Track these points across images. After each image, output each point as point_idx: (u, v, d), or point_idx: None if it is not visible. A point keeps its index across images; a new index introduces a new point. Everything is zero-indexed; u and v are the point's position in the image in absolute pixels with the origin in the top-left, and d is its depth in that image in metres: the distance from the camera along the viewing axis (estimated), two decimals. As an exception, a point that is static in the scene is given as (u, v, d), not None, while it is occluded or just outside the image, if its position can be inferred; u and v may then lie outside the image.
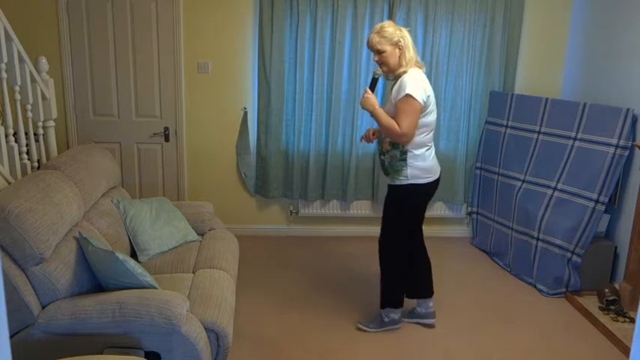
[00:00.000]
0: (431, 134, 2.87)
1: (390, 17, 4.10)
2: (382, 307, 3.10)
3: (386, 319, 3.10)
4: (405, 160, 2.81)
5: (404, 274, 3.06)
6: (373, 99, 2.82)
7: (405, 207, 2.93)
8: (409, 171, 2.81)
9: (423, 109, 2.74)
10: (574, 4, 4.31)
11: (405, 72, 2.77)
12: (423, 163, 2.83)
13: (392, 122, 2.74)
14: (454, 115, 4.33)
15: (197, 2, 4.11)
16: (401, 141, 2.77)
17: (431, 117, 2.82)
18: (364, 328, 3.11)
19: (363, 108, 2.86)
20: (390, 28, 2.78)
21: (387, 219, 3.00)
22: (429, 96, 2.77)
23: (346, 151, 4.33)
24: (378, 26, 2.82)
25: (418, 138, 2.80)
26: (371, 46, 2.81)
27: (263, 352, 2.86)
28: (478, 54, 4.25)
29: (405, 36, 2.79)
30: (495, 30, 4.21)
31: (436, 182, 2.93)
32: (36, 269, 2.23)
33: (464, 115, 4.34)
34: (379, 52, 2.79)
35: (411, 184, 2.83)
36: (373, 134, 3.08)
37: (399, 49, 2.78)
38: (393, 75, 2.86)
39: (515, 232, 3.96)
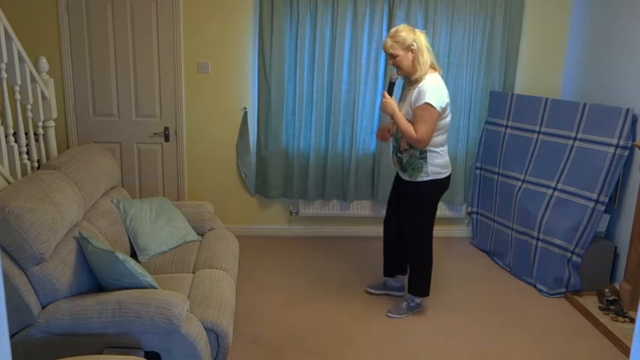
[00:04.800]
0: (447, 134, 3.02)
1: (390, 17, 4.10)
2: (414, 294, 3.25)
3: (412, 304, 3.28)
4: (425, 158, 2.95)
5: (431, 264, 3.24)
6: (393, 103, 2.94)
7: (430, 201, 3.08)
8: (430, 168, 2.96)
9: (440, 115, 2.85)
10: (574, 4, 4.31)
11: (422, 77, 2.86)
12: (441, 159, 2.98)
13: (409, 127, 2.86)
14: (454, 115, 4.31)
15: (197, 2, 4.11)
16: (417, 146, 2.90)
17: (448, 119, 2.96)
18: (395, 316, 3.24)
19: (383, 112, 2.98)
20: (403, 32, 2.86)
21: (414, 215, 3.12)
22: (447, 102, 2.88)
23: (346, 151, 4.32)
24: (392, 30, 2.92)
25: (437, 138, 2.93)
26: (385, 50, 2.91)
27: (263, 352, 2.87)
28: (478, 54, 4.25)
29: (419, 39, 2.88)
30: (495, 30, 4.21)
31: (450, 175, 3.10)
32: (36, 269, 2.23)
33: (464, 115, 4.34)
34: (393, 56, 2.88)
35: (432, 180, 2.98)
36: (388, 131, 3.18)
37: (412, 52, 2.85)
38: (410, 77, 2.93)
39: (515, 232, 3.96)
